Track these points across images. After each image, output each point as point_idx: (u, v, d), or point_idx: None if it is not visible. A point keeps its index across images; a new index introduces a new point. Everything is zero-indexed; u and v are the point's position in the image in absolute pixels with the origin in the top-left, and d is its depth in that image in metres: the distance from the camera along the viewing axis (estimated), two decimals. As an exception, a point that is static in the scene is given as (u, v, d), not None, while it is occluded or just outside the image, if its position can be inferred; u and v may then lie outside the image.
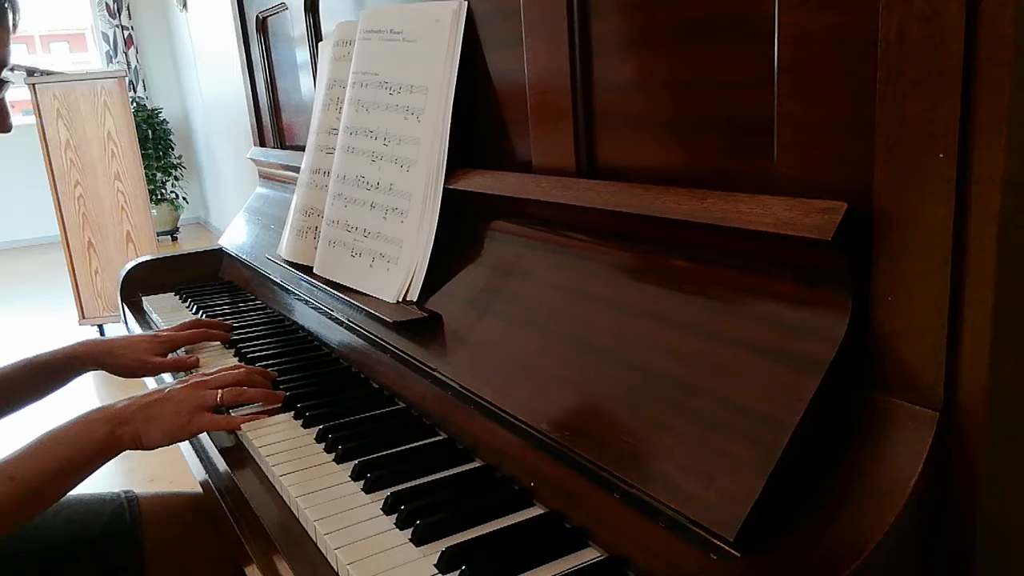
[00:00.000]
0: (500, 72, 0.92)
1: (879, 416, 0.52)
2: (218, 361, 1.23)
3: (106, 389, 3.08)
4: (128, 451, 0.90)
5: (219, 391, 0.96)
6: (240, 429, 0.95)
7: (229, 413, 0.99)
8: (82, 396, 2.96)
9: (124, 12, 6.94)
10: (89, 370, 1.19)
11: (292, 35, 1.49)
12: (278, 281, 1.38)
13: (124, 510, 1.09)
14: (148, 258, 1.77)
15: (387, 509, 0.73)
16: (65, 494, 0.86)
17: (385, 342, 0.98)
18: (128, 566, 1.05)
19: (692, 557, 0.55)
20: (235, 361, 1.23)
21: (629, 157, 0.76)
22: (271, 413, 0.98)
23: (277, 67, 1.66)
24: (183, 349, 1.28)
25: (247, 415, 0.98)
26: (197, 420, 0.93)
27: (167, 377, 1.24)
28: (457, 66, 0.95)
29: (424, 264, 0.96)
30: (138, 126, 5.32)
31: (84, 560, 1.03)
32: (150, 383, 1.27)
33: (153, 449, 0.92)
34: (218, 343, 1.32)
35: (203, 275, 1.77)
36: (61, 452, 0.85)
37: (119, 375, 1.21)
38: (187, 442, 1.07)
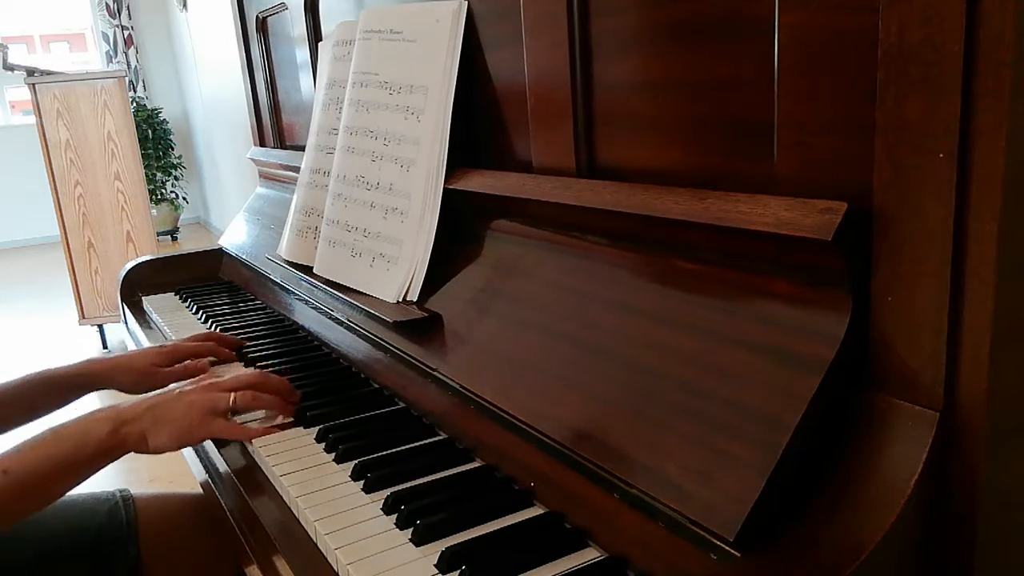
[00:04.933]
0: (500, 72, 0.92)
1: (879, 416, 0.52)
2: (224, 367, 1.21)
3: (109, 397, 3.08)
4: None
5: (232, 393, 0.91)
6: (251, 443, 0.91)
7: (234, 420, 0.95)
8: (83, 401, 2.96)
9: (124, 12, 6.94)
10: (97, 388, 1.15)
11: (292, 35, 1.49)
12: (278, 281, 1.38)
13: (120, 510, 1.07)
14: (148, 258, 1.77)
15: (387, 509, 0.73)
16: (63, 494, 0.84)
17: (385, 342, 0.98)
18: (125, 566, 1.04)
19: (692, 557, 0.55)
20: (241, 366, 1.20)
21: (629, 157, 0.76)
22: (284, 427, 0.94)
23: (277, 67, 1.66)
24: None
25: (262, 427, 0.94)
26: (209, 425, 0.89)
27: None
28: (457, 66, 0.95)
29: (424, 264, 0.96)
30: (138, 126, 5.32)
31: (80, 560, 1.02)
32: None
33: (160, 453, 0.88)
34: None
35: (203, 275, 1.77)
36: (60, 450, 0.82)
37: (126, 391, 1.16)
38: (187, 442, 1.07)
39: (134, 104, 6.23)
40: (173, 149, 6.88)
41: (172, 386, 0.94)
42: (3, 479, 0.78)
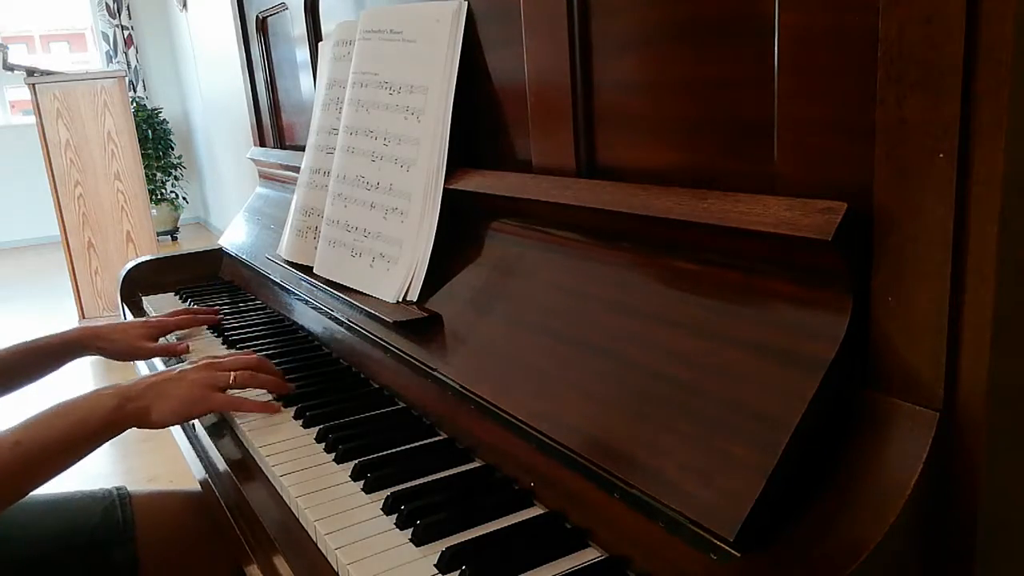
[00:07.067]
0: (500, 72, 0.92)
1: (879, 416, 0.52)
2: (209, 350, 1.27)
3: (106, 374, 3.07)
4: (129, 448, 0.90)
5: (232, 373, 0.98)
6: (257, 411, 0.97)
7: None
8: (81, 379, 2.95)
9: (124, 12, 6.94)
10: (84, 355, 1.25)
11: (292, 35, 1.49)
12: (278, 281, 1.38)
13: (116, 508, 1.08)
14: (148, 258, 1.78)
15: (387, 509, 0.73)
16: (69, 466, 0.87)
17: (385, 342, 0.98)
18: (122, 564, 1.04)
19: (692, 557, 0.55)
20: (224, 350, 1.27)
21: (629, 157, 0.76)
22: (279, 406, 1.00)
23: (277, 67, 1.66)
24: (173, 336, 1.34)
25: (259, 402, 0.99)
26: (210, 399, 0.95)
27: (158, 363, 1.28)
28: (457, 66, 0.95)
29: (424, 264, 0.96)
30: (138, 126, 5.32)
31: (76, 559, 1.02)
32: (143, 369, 1.33)
33: (162, 427, 0.94)
34: (208, 333, 1.36)
35: (203, 275, 1.77)
36: (68, 423, 0.87)
37: (113, 359, 1.27)
38: (187, 441, 1.07)
39: (134, 104, 6.22)
40: (173, 149, 6.88)
41: (175, 366, 1.00)
42: (16, 450, 0.82)
